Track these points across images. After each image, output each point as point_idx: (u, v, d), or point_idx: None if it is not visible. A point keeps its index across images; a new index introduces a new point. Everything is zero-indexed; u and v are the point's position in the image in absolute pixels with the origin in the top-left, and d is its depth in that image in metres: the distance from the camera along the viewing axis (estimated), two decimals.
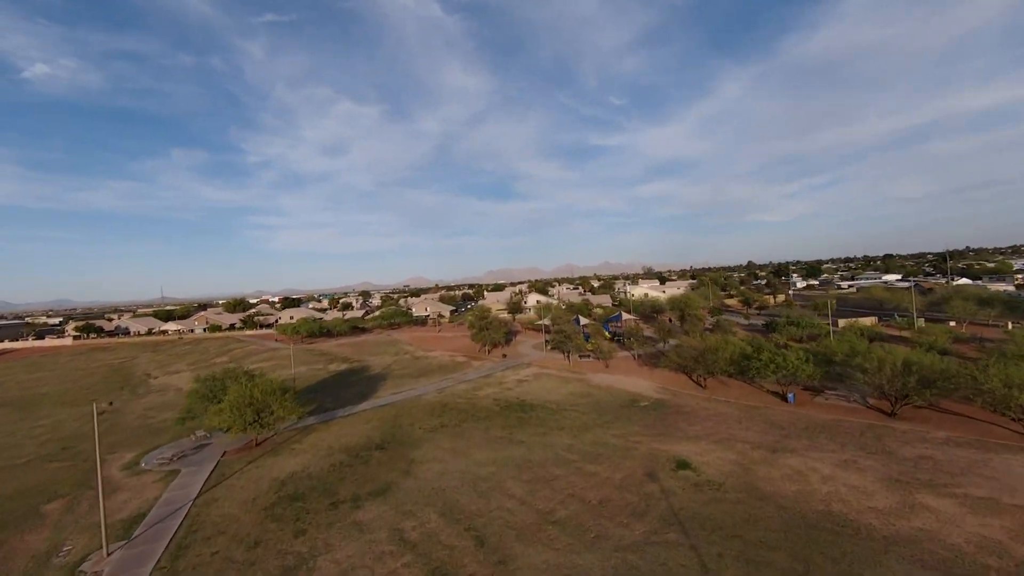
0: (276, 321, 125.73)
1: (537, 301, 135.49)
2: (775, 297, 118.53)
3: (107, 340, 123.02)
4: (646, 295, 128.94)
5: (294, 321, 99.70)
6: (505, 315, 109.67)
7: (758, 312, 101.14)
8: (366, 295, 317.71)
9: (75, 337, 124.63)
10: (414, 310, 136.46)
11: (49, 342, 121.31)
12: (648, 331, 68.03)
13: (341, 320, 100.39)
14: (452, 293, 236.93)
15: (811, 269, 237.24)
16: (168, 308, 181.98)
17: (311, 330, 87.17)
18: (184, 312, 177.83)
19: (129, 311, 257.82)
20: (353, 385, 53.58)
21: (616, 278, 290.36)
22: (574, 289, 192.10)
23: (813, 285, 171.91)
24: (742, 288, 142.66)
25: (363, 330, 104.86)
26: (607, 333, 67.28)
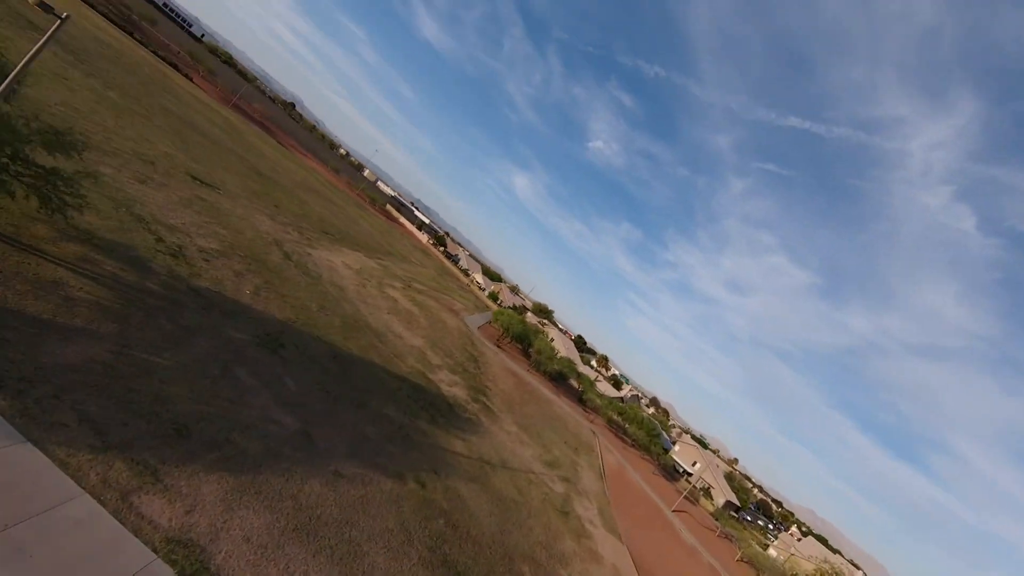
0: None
1: None
2: None
3: (393, 219, 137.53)
4: None
5: (512, 311, 71.98)
6: None
7: None
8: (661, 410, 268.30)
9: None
10: (675, 450, 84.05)
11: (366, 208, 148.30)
12: None
13: (587, 383, 65.09)
14: (745, 483, 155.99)
15: None
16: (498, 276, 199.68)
17: (513, 329, 56.10)
18: (496, 282, 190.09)
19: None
20: (321, 422, 17.65)
21: None
22: None
23: None
24: None
25: (583, 404, 65.82)
26: None
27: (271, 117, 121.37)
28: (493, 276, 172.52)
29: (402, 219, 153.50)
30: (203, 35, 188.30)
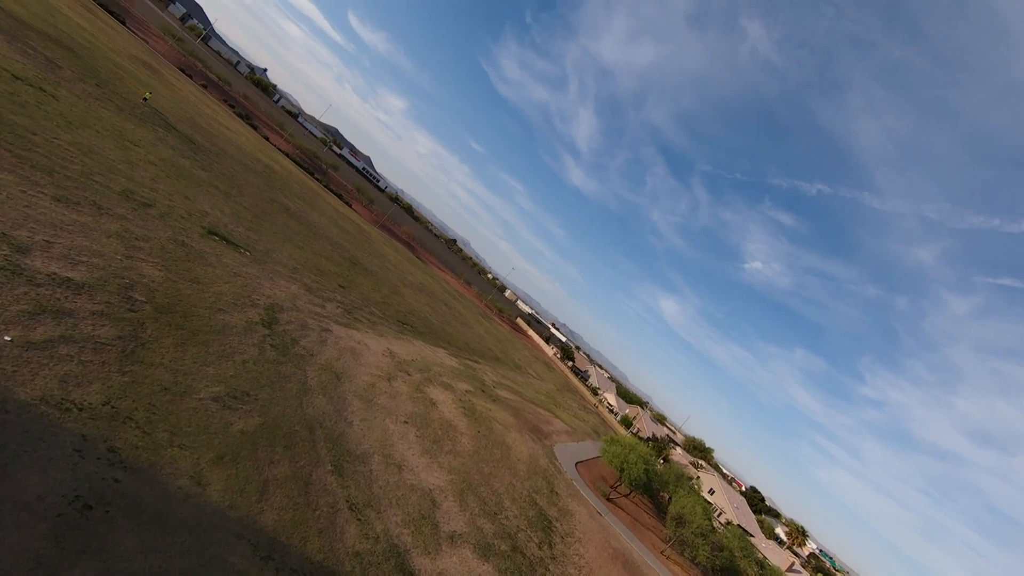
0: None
1: None
2: None
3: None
4: None
5: (637, 439, 44.69)
6: None
7: None
8: None
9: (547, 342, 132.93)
10: None
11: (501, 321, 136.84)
12: None
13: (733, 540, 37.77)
14: None
15: None
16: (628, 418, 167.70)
17: (633, 470, 33.38)
18: (634, 409, 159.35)
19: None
20: None
21: None
22: None
23: None
24: None
25: None
26: None
27: (416, 238, 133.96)
28: (632, 399, 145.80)
29: (530, 332, 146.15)
30: (385, 187, 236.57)
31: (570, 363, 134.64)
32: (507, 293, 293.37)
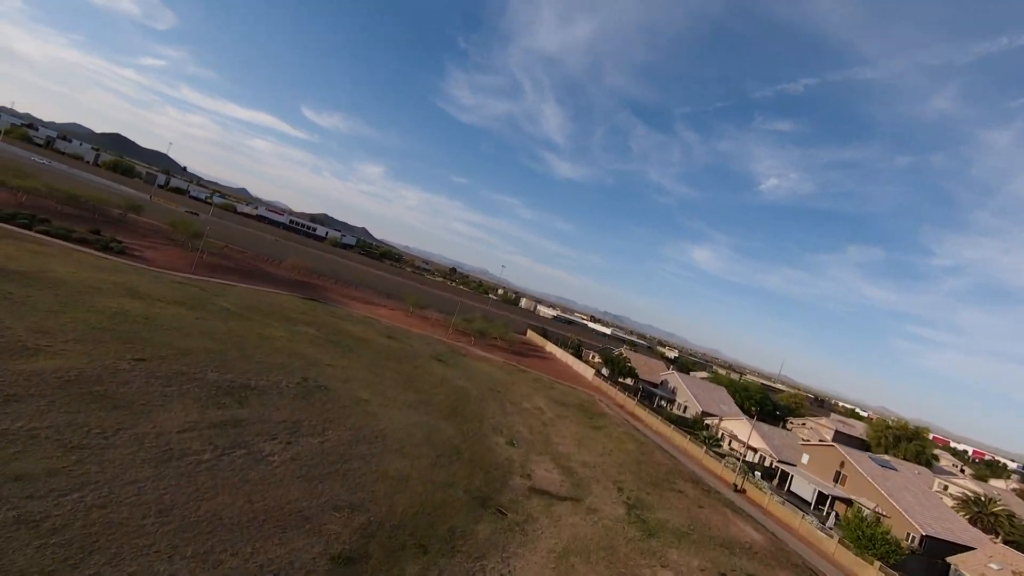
0: None
1: None
2: None
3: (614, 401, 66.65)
4: None
5: None
6: None
7: None
8: None
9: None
10: None
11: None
12: None
13: None
14: None
15: None
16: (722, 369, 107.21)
17: None
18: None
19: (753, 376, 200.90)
20: None
21: None
22: None
23: None
24: None
25: None
26: None
27: (319, 272, 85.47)
28: (783, 396, 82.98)
29: (549, 347, 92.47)
30: (323, 232, 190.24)
31: (629, 381, 78.67)
32: (523, 302, 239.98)
